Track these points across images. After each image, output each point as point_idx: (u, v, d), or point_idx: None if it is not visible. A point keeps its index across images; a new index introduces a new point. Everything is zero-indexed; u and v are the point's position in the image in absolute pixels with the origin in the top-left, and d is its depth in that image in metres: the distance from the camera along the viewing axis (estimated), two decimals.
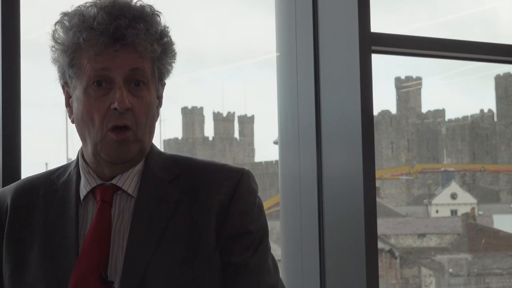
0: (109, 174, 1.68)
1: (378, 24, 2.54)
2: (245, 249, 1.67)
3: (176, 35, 1.70)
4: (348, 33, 2.45)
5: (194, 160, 1.74)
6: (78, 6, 1.66)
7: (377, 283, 2.40)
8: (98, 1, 1.65)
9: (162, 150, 1.76)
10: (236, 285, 1.66)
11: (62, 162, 1.78)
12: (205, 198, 1.67)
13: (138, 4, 1.66)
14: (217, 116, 49.07)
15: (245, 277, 1.66)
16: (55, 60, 1.69)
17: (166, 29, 1.68)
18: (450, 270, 22.39)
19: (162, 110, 1.74)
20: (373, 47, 2.46)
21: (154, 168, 1.70)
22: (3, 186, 2.02)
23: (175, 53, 1.71)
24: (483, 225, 24.04)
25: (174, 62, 1.71)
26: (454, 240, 24.15)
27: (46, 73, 1.74)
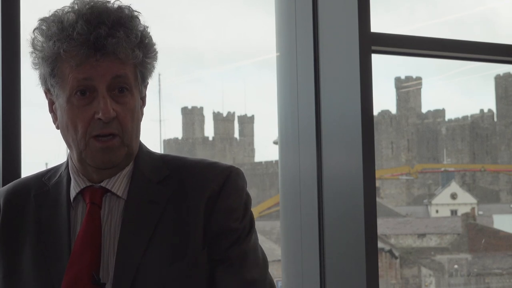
0: (98, 178, 1.68)
1: (378, 24, 2.54)
2: (228, 245, 1.66)
3: (175, 36, 1.70)
4: (348, 33, 2.46)
5: (184, 160, 1.74)
6: (56, 11, 1.64)
7: (377, 283, 2.40)
8: (76, 6, 1.63)
9: (162, 150, 1.76)
10: (216, 278, 1.65)
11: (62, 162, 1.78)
12: (194, 198, 1.67)
13: (116, 5, 1.64)
14: (217, 116, 49.07)
15: (225, 269, 1.65)
16: (35, 65, 1.68)
17: (146, 29, 1.66)
18: (456, 266, 22.40)
19: (162, 110, 1.74)
20: (373, 47, 2.46)
21: (143, 169, 1.70)
22: (3, 186, 2.02)
23: (156, 52, 1.69)
24: (483, 225, 24.05)
25: (155, 62, 1.70)
26: (454, 240, 24.16)
27: None
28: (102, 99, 1.60)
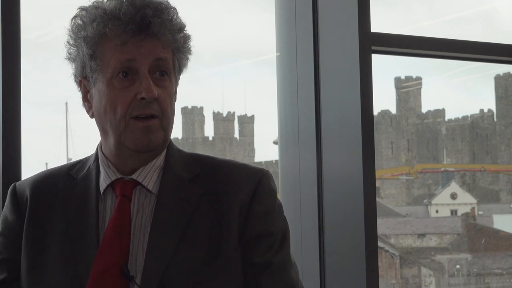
0: (132, 166, 1.68)
1: (378, 24, 2.54)
2: (267, 249, 1.69)
3: None
4: (348, 33, 2.46)
5: (214, 159, 1.75)
6: (95, 1, 1.67)
7: (377, 283, 2.40)
8: None
9: None
10: (261, 284, 1.68)
11: (62, 162, 1.79)
12: (226, 199, 1.68)
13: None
14: (217, 116, 49.06)
15: (269, 275, 1.68)
16: (71, 56, 1.69)
17: (184, 24, 1.70)
18: (458, 266, 22.40)
19: None
20: (373, 47, 2.46)
21: (174, 166, 1.71)
22: (3, 186, 2.02)
23: (191, 48, 1.73)
24: (483, 225, 24.04)
25: (190, 55, 1.73)
26: (454, 240, 24.15)
27: (46, 73, 1.74)
28: (144, 79, 1.63)
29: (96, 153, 1.73)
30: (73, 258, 1.65)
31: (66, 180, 1.73)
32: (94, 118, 1.70)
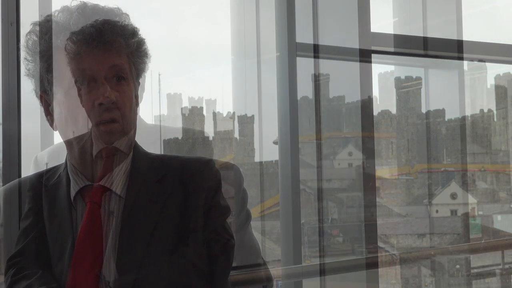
0: (98, 173, 1.69)
1: (377, 22, 2.53)
2: (225, 238, 1.70)
3: (175, 35, 1.73)
4: (348, 33, 2.45)
5: (181, 158, 1.76)
6: (47, 15, 1.68)
7: (377, 283, 2.40)
8: (66, 7, 1.67)
9: (162, 150, 1.78)
10: (216, 261, 1.68)
11: (62, 161, 1.79)
12: (192, 195, 1.69)
13: (106, 7, 1.69)
14: (217, 116, 49.13)
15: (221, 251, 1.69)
16: (30, 71, 1.70)
17: (136, 28, 1.70)
18: (457, 266, 22.42)
19: (162, 110, 1.76)
20: (373, 47, 2.46)
21: (140, 169, 1.71)
22: (3, 186, 2.02)
23: (147, 51, 1.73)
24: (483, 225, 24.06)
25: (147, 60, 1.73)
26: (454, 240, 24.19)
27: None
28: (101, 85, 1.63)
29: (65, 162, 1.74)
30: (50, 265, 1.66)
31: (36, 187, 1.74)
32: (57, 131, 1.71)
